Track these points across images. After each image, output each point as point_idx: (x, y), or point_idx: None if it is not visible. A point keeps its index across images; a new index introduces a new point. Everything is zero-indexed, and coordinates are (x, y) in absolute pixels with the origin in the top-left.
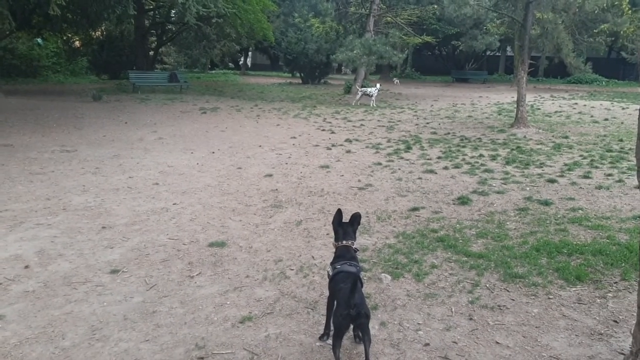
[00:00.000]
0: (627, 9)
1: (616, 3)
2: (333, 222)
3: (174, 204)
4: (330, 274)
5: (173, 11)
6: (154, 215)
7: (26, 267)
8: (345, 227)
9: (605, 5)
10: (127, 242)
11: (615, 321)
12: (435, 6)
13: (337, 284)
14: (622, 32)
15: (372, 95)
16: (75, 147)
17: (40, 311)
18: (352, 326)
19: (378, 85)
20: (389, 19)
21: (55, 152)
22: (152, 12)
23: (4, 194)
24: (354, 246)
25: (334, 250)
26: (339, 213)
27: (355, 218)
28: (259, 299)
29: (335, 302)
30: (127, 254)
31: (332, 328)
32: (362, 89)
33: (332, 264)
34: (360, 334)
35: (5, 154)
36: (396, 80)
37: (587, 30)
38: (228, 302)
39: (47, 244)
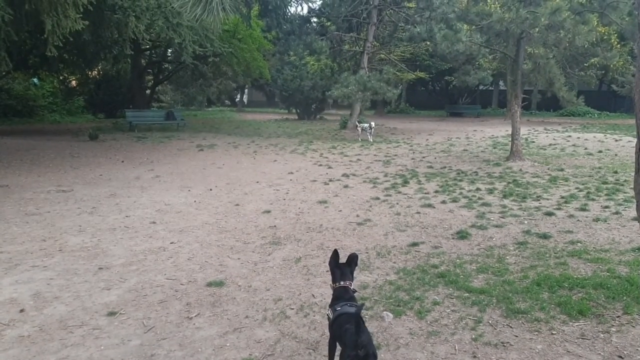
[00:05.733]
0: (616, 43)
1: (605, 37)
2: (330, 264)
3: (171, 242)
4: (331, 316)
5: (170, 50)
6: (151, 254)
7: (21, 311)
8: (342, 268)
9: (595, 40)
10: (125, 283)
11: (620, 357)
12: (428, 43)
13: (341, 325)
14: (612, 66)
15: (368, 131)
16: (71, 186)
17: (36, 357)
18: None
19: (372, 124)
20: (382, 55)
21: (51, 192)
22: (149, 52)
23: None
24: (351, 287)
25: (332, 292)
26: (335, 254)
27: (353, 259)
28: (259, 340)
29: (338, 344)
30: (125, 295)
31: None
32: (362, 124)
33: (331, 306)
34: None
35: (1, 195)
36: None
37: (578, 64)
38: (228, 344)
39: (43, 287)
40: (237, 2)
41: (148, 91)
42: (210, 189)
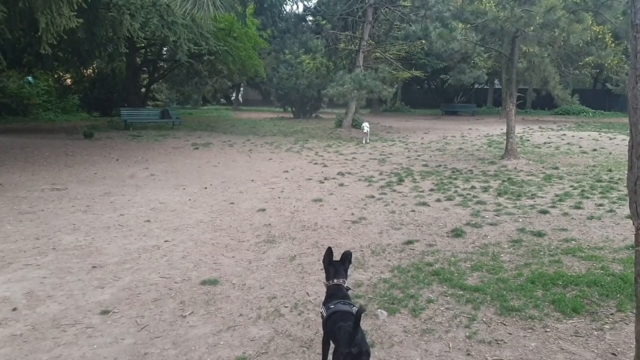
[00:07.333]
0: (610, 42)
1: (600, 36)
2: (324, 261)
3: (165, 241)
4: (324, 314)
5: (165, 49)
6: (145, 253)
7: (14, 309)
8: (336, 266)
9: (589, 38)
10: (118, 281)
11: (614, 354)
12: (423, 41)
13: (335, 323)
14: (606, 65)
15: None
16: (65, 185)
17: (28, 355)
18: None
19: (368, 124)
20: (378, 54)
21: (45, 190)
22: (144, 50)
23: None
24: (345, 284)
25: (325, 289)
26: (329, 251)
27: (347, 256)
28: (253, 338)
29: (332, 342)
30: (118, 293)
31: None
32: (364, 124)
33: (324, 304)
34: None
35: None
36: None
37: (573, 63)
38: (221, 342)
39: (36, 285)
40: (231, 0)
41: (143, 89)
42: (205, 188)
